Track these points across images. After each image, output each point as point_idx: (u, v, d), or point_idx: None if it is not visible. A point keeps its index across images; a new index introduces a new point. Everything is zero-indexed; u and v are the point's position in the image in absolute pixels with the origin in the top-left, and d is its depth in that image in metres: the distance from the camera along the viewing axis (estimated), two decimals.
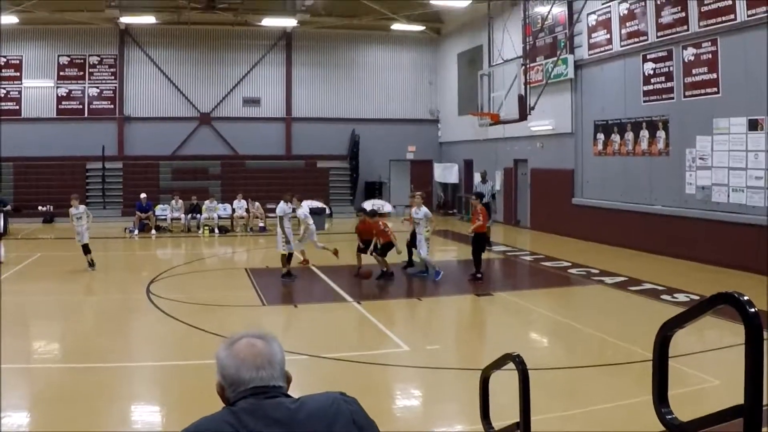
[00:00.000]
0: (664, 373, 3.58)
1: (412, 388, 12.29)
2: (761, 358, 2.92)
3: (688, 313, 3.44)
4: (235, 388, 2.95)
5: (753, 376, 2.92)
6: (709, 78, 23.40)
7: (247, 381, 2.94)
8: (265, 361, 2.99)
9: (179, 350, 13.96)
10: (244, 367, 2.96)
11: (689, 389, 10.52)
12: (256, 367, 2.96)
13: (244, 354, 2.99)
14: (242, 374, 2.95)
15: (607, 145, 29.02)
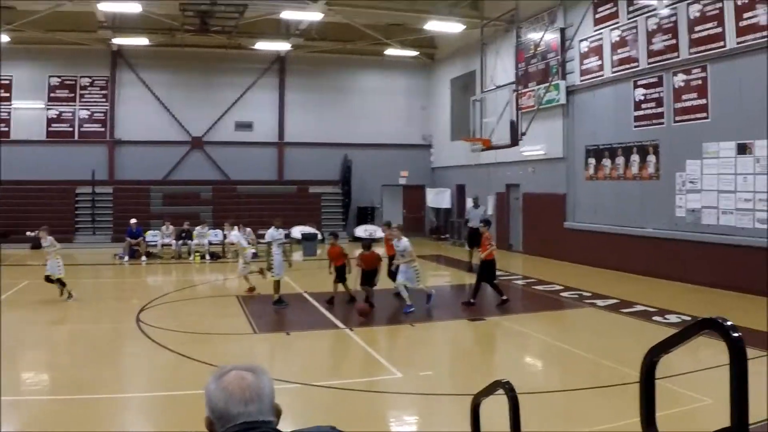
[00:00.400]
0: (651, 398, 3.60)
1: (405, 415, 12.27)
2: (746, 382, 2.94)
3: (674, 338, 3.46)
4: (224, 423, 2.89)
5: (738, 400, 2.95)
6: (699, 103, 23.68)
7: (235, 416, 2.88)
8: (254, 395, 2.93)
9: (170, 380, 13.82)
10: (233, 400, 2.90)
11: (682, 409, 10.55)
12: (244, 401, 2.90)
13: (232, 387, 2.93)
14: (230, 408, 2.89)
15: (599, 169, 29.18)
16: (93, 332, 18.36)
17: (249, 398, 2.90)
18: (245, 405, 2.89)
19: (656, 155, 25.93)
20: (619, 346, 15.86)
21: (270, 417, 2.95)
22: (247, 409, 2.88)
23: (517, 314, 20.84)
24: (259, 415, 2.90)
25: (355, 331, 18.07)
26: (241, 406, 2.88)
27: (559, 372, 14.68)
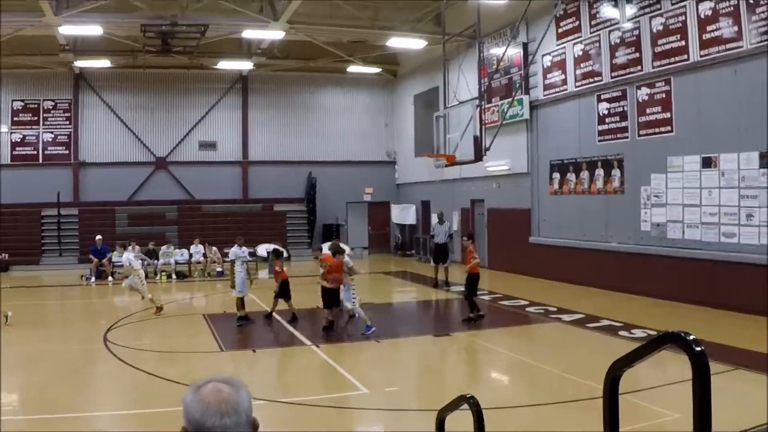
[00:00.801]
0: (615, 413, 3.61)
1: (372, 431, 12.27)
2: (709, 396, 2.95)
3: (636, 352, 3.47)
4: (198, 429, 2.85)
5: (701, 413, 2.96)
6: (663, 117, 23.77)
7: (210, 428, 2.84)
8: (230, 408, 2.89)
9: (138, 399, 13.77)
10: (209, 412, 2.86)
11: (649, 423, 10.60)
12: (220, 413, 2.86)
13: (209, 399, 2.90)
14: (206, 420, 2.85)
15: (563, 184, 29.26)
16: (61, 353, 18.24)
17: (225, 411, 2.87)
18: (221, 417, 2.85)
19: (621, 169, 26.02)
20: (584, 360, 15.91)
21: (247, 430, 2.92)
22: (222, 422, 2.85)
23: (483, 330, 20.83)
24: (236, 428, 2.87)
25: (321, 348, 18.03)
26: (217, 418, 2.85)
27: (525, 387, 14.71)
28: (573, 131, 28.60)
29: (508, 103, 30.77)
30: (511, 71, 32.54)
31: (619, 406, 3.70)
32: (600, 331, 19.14)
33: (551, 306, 23.08)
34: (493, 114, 32.33)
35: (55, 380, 15.43)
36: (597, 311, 21.60)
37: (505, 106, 30.87)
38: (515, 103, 30.89)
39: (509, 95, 31.53)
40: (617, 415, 3.62)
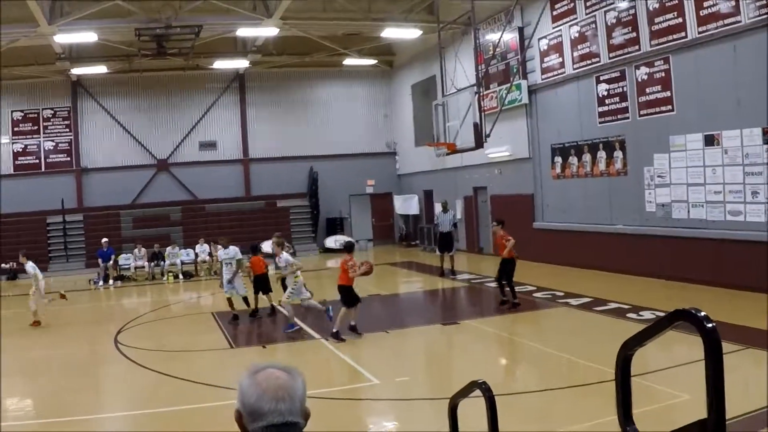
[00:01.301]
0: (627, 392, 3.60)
1: (384, 421, 12.30)
2: (722, 373, 2.94)
3: (647, 331, 3.46)
4: (254, 419, 2.90)
5: (715, 391, 2.95)
6: (663, 96, 23.59)
7: (266, 413, 2.88)
8: (285, 395, 2.93)
9: (151, 399, 13.83)
10: (265, 397, 2.91)
11: (659, 405, 10.57)
12: (276, 399, 2.90)
13: (266, 384, 2.95)
14: (262, 404, 2.89)
15: (565, 167, 29.16)
16: (72, 356, 18.29)
17: (281, 397, 2.91)
18: (276, 403, 2.90)
19: (623, 151, 25.86)
20: (594, 344, 15.89)
21: (299, 419, 2.95)
22: (278, 407, 2.89)
23: (491, 317, 20.84)
24: (289, 415, 2.91)
25: (330, 341, 18.03)
26: (273, 404, 2.89)
27: (535, 372, 14.72)
28: (573, 114, 28.48)
29: (506, 89, 30.62)
30: (507, 56, 32.42)
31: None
32: (608, 314, 19.13)
33: (558, 291, 23.05)
34: (492, 100, 32.25)
35: (68, 383, 15.51)
36: (604, 294, 21.56)
37: (504, 92, 30.74)
38: (513, 89, 30.78)
39: (507, 81, 31.41)
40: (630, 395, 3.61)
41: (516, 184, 32.79)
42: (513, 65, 31.73)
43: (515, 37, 31.39)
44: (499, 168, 34.10)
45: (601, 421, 10.01)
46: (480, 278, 28.05)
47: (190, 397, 13.52)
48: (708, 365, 2.97)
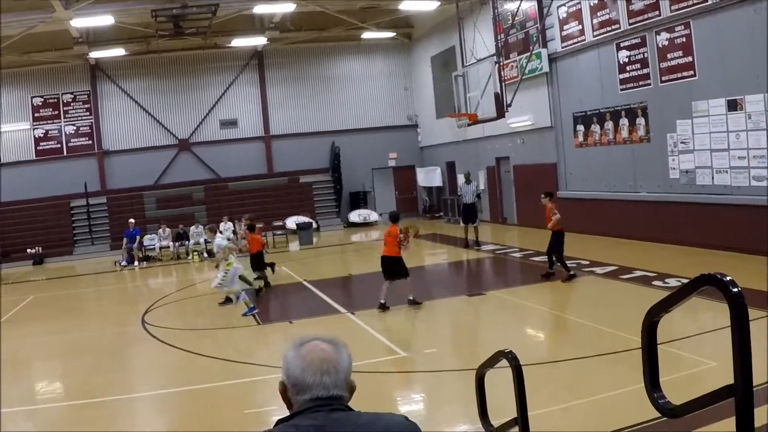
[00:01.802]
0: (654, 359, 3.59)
1: (412, 393, 12.34)
2: (748, 337, 2.93)
3: (672, 296, 3.45)
4: (298, 390, 2.94)
5: (741, 355, 2.94)
6: (685, 61, 23.33)
7: (310, 385, 2.92)
8: (330, 367, 2.97)
9: (181, 377, 13.98)
10: (310, 370, 2.94)
11: (686, 373, 10.54)
12: (321, 372, 2.94)
13: (311, 357, 2.97)
14: (306, 377, 2.93)
15: (588, 136, 29.00)
16: (101, 338, 18.44)
17: (326, 370, 2.95)
18: (321, 375, 2.93)
19: (645, 117, 25.64)
20: (620, 312, 15.84)
21: (343, 392, 2.99)
22: (322, 380, 2.93)
23: (517, 287, 20.86)
24: (334, 389, 2.95)
25: (357, 315, 18.11)
26: (317, 377, 2.93)
27: (561, 342, 14.73)
28: (594, 82, 28.27)
29: (526, 58, 30.48)
30: (527, 25, 32.18)
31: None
32: (633, 282, 19.07)
33: (583, 260, 22.93)
34: (512, 70, 32.09)
35: (97, 365, 15.64)
36: (629, 262, 21.47)
37: (524, 61, 30.60)
38: (533, 57, 30.62)
39: (527, 50, 31.24)
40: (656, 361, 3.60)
41: (539, 154, 32.67)
42: (532, 34, 31.53)
43: (534, 5, 31.14)
44: (522, 138, 33.96)
45: (628, 390, 10.00)
46: (505, 249, 28.05)
47: (219, 375, 13.58)
48: (734, 330, 2.96)
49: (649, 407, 3.71)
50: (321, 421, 2.85)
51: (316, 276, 24.61)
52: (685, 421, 7.50)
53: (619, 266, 21.10)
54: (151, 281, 30.15)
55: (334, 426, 2.85)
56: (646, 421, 8.70)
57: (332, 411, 2.90)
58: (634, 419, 8.95)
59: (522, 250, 27.19)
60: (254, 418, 10.80)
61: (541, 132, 32.18)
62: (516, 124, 32.70)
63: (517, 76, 30.02)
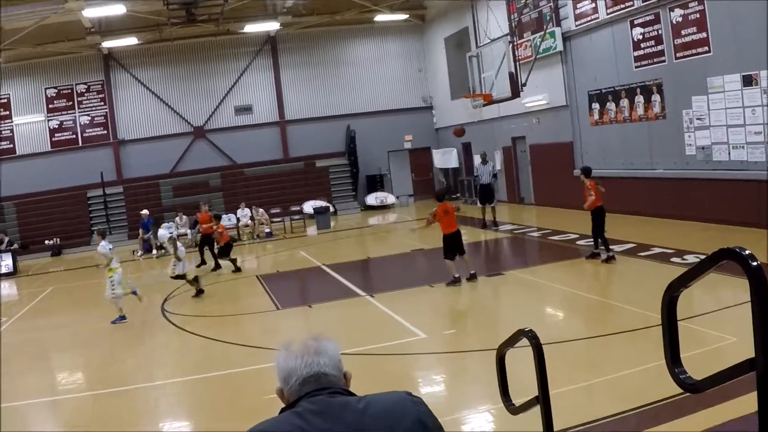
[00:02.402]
0: (674, 334, 3.59)
1: (433, 374, 12.35)
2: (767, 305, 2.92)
3: (691, 271, 3.44)
4: (287, 380, 3.01)
5: (762, 328, 2.93)
6: (699, 37, 23.18)
7: (294, 368, 2.99)
8: (311, 350, 3.03)
9: (201, 364, 14.02)
10: (292, 356, 3.02)
11: (707, 349, 10.51)
12: (302, 354, 3.01)
13: (296, 349, 3.06)
14: (290, 363, 3.01)
15: (603, 114, 28.91)
16: (121, 327, 18.48)
17: (306, 352, 3.03)
18: (302, 357, 3.01)
19: (660, 94, 25.52)
20: (639, 289, 15.84)
21: (332, 371, 3.03)
22: (304, 360, 3.00)
23: (535, 266, 20.89)
24: (317, 366, 3.00)
25: (376, 297, 18.15)
26: (299, 359, 3.01)
27: (581, 320, 14.71)
28: (609, 59, 28.15)
29: (540, 37, 30.42)
30: (540, 4, 32.01)
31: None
32: (652, 259, 19.03)
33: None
34: (526, 49, 32.00)
35: (118, 354, 15.73)
36: (647, 239, 21.43)
37: (538, 40, 30.55)
38: (547, 36, 30.51)
39: (541, 29, 31.13)
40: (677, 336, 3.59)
41: (555, 133, 32.58)
42: (546, 13, 31.40)
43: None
44: (537, 117, 33.87)
45: (648, 367, 10.00)
46: (522, 228, 28.04)
47: (240, 361, 13.66)
48: (754, 304, 2.95)
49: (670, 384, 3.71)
50: (320, 406, 2.89)
51: (335, 260, 24.66)
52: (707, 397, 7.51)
53: (637, 243, 21.06)
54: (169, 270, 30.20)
55: (335, 410, 2.89)
56: (667, 397, 8.71)
57: (332, 395, 2.95)
58: (655, 396, 8.96)
59: (540, 229, 27.20)
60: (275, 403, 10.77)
61: (557, 111, 32.09)
62: (531, 104, 32.61)
63: (532, 56, 30.01)
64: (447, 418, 9.80)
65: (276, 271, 24.63)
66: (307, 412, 2.87)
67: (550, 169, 32.99)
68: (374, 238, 32.98)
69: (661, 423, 8.46)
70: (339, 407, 2.90)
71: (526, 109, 33.36)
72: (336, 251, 27.36)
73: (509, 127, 36.73)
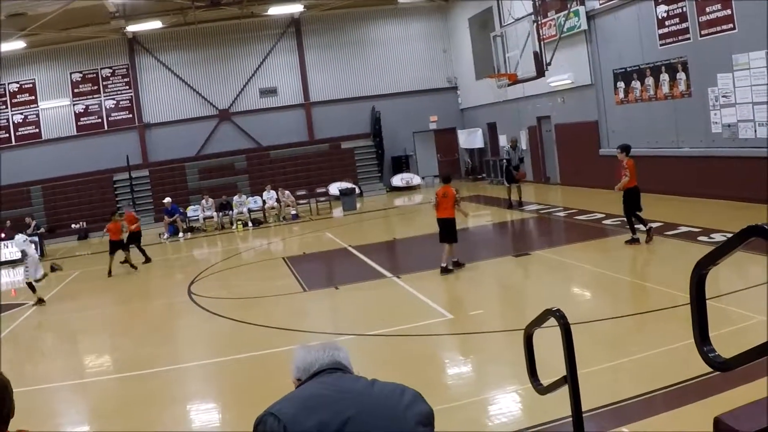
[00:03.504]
0: (703, 312, 3.58)
1: (460, 355, 12.37)
2: None
3: (720, 249, 3.43)
4: (308, 370, 3.30)
5: None
6: (724, 15, 22.98)
7: (315, 359, 3.30)
8: (332, 345, 3.39)
9: (229, 346, 14.10)
10: (313, 349, 3.36)
11: (734, 328, 10.47)
12: (323, 348, 3.35)
13: (312, 344, 3.42)
14: (311, 354, 3.34)
15: (629, 92, 28.76)
16: (148, 310, 18.69)
17: (327, 347, 3.39)
18: (324, 350, 3.36)
19: (686, 72, 25.35)
20: (666, 269, 15.80)
21: (348, 366, 3.37)
22: (326, 353, 3.35)
23: (562, 246, 20.83)
24: (337, 358, 3.35)
25: (402, 278, 18.16)
26: (320, 352, 3.36)
27: (608, 300, 14.65)
28: (633, 38, 27.95)
29: (564, 16, 30.26)
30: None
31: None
32: (678, 238, 18.93)
33: None
34: (551, 28, 31.83)
35: (146, 337, 15.82)
36: (674, 218, 21.28)
37: (562, 19, 30.38)
38: (572, 15, 30.36)
39: (565, 8, 30.91)
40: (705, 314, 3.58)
41: (580, 112, 32.45)
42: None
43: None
44: (562, 96, 33.75)
45: (676, 346, 9.99)
46: (548, 207, 27.96)
47: (267, 342, 13.69)
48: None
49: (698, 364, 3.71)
50: (335, 378, 3.24)
51: (361, 241, 24.70)
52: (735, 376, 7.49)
53: (663, 222, 20.88)
54: (196, 252, 30.32)
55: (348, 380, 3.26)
56: (695, 377, 8.70)
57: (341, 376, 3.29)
58: (682, 376, 8.95)
59: (566, 209, 27.12)
60: None
61: (582, 90, 31.94)
62: (556, 83, 32.49)
63: (556, 35, 29.89)
64: (474, 398, 9.85)
65: (302, 253, 24.66)
66: (324, 381, 3.21)
67: (575, 149, 32.88)
68: (400, 219, 32.97)
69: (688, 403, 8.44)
70: (351, 380, 3.26)
71: (551, 88, 33.26)
72: (362, 232, 27.40)
73: (534, 107, 36.63)
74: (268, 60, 44.44)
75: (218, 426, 10.13)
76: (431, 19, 46.82)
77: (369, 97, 44.96)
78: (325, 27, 44.99)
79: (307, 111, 44.95)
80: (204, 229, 35.31)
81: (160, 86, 43.19)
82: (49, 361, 14.84)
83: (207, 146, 43.54)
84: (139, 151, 42.48)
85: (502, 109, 39.63)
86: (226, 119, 43.88)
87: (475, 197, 35.52)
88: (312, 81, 45.08)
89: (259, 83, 44.41)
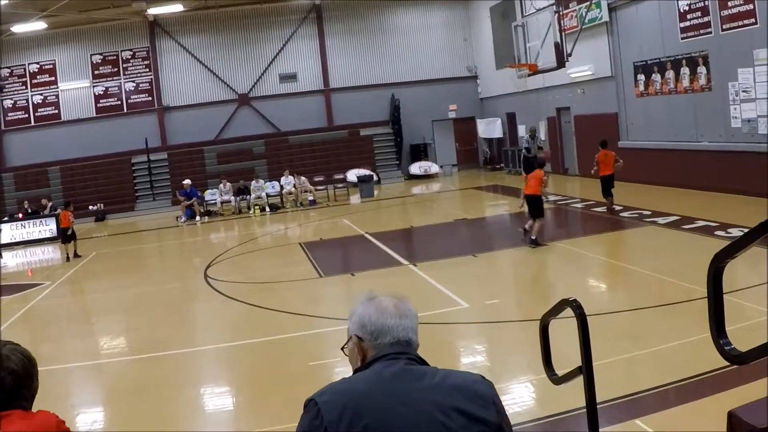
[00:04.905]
0: (720, 305, 3.60)
1: (475, 344, 12.38)
2: None
3: (738, 242, 3.45)
4: (377, 336, 3.06)
5: None
6: (746, 9, 22.89)
7: (391, 327, 3.06)
8: (406, 311, 3.13)
9: (244, 330, 14.17)
10: (387, 313, 3.08)
11: (750, 323, 10.45)
12: (399, 315, 3.09)
13: (385, 304, 3.13)
14: (387, 320, 3.06)
15: (649, 85, 28.69)
16: (164, 293, 18.75)
17: (402, 314, 3.12)
18: (400, 318, 3.09)
19: (706, 66, 25.27)
20: (683, 263, 15.76)
21: (416, 338, 3.15)
22: (402, 322, 3.09)
23: (579, 237, 20.83)
24: (410, 332, 3.11)
25: (418, 266, 18.18)
26: (396, 319, 3.09)
27: (624, 292, 14.67)
28: (654, 30, 27.89)
29: (586, 7, 30.19)
30: None
31: None
32: (696, 232, 18.88)
33: (645, 210, 22.81)
34: (572, 19, 31.73)
35: (161, 319, 15.90)
36: (691, 212, 21.22)
37: (584, 11, 30.31)
38: (593, 7, 30.29)
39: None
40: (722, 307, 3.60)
41: (599, 104, 32.38)
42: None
43: None
44: (582, 88, 33.68)
45: (691, 340, 10.01)
46: (566, 199, 27.95)
47: (283, 327, 13.75)
48: None
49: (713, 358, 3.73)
50: (399, 370, 2.97)
51: (378, 228, 24.72)
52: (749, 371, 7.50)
53: (681, 216, 20.89)
54: (213, 236, 30.39)
55: (415, 375, 2.98)
56: (711, 370, 8.71)
57: (408, 363, 3.03)
58: (697, 370, 8.96)
59: (583, 200, 27.10)
60: (320, 369, 10.92)
61: (602, 82, 31.87)
62: (576, 74, 32.43)
63: (577, 26, 29.77)
64: None
65: (319, 239, 24.73)
66: (388, 374, 2.95)
67: (594, 141, 32.69)
68: (418, 207, 32.99)
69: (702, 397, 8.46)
70: (418, 376, 2.98)
71: (571, 79, 33.19)
72: (379, 220, 27.42)
73: (554, 98, 36.56)
74: (288, 45, 44.40)
75: (231, 409, 10.20)
76: (452, 7, 46.69)
77: (389, 85, 44.91)
78: (346, 14, 44.96)
79: (327, 97, 44.94)
80: (221, 213, 35.40)
81: (180, 69, 43.25)
82: (65, 340, 14.95)
83: (226, 130, 43.59)
84: (158, 134, 42.59)
85: (522, 99, 39.58)
86: (245, 104, 43.92)
87: (492, 187, 35.52)
88: (332, 67, 45.06)
89: (279, 68, 44.40)
